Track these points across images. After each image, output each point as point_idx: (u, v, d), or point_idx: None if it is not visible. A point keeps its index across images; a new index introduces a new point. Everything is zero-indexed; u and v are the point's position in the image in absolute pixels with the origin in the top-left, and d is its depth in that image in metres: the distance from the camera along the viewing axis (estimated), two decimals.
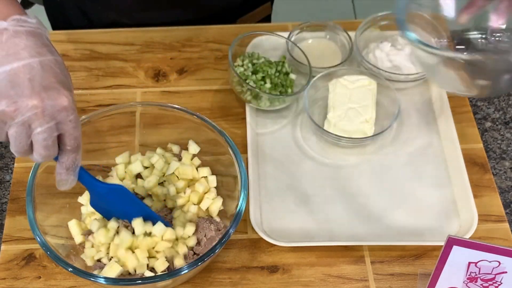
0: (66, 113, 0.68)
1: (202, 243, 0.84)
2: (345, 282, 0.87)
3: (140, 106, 0.92)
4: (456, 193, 0.95)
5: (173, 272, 0.77)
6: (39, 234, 0.78)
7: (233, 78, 1.00)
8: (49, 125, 0.67)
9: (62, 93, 0.68)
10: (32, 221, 0.79)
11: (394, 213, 0.93)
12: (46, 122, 0.67)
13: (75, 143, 0.71)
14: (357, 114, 0.98)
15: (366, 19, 1.09)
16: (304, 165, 0.98)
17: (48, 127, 0.67)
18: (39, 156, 0.70)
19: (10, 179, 0.97)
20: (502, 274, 0.74)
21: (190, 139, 0.92)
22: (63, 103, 0.68)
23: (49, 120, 0.67)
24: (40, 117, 0.67)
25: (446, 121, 1.01)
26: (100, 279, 0.76)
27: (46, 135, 0.68)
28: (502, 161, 1.01)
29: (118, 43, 1.11)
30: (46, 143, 0.68)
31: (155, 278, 0.77)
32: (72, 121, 0.69)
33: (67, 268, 0.76)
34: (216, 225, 0.86)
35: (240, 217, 0.81)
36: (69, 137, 0.70)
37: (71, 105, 0.69)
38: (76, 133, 0.70)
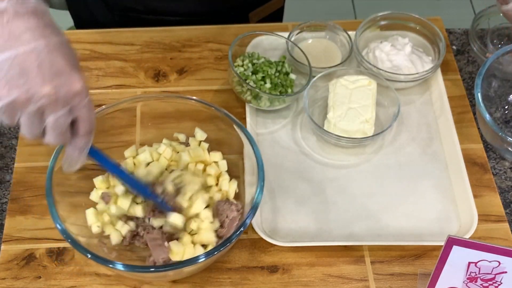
0: (79, 97, 0.66)
1: (225, 224, 0.84)
2: (345, 282, 0.87)
3: (154, 98, 0.92)
4: (456, 193, 0.95)
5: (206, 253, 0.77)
6: (60, 222, 0.78)
7: (233, 78, 1.00)
8: (62, 112, 0.65)
9: (74, 77, 0.65)
10: (52, 209, 0.79)
11: (394, 213, 0.93)
12: (60, 109, 0.65)
13: (89, 127, 0.69)
14: (357, 114, 0.98)
15: (366, 19, 1.09)
16: (304, 165, 0.98)
17: (61, 114, 0.66)
18: (51, 142, 0.68)
19: (10, 179, 0.97)
20: (502, 274, 0.74)
21: (196, 127, 0.92)
22: (76, 87, 0.65)
23: (62, 106, 0.65)
24: (53, 104, 0.64)
25: (446, 121, 1.01)
26: (118, 265, 0.76)
27: (60, 122, 0.66)
28: (502, 161, 1.01)
29: (118, 43, 1.11)
30: (60, 130, 0.67)
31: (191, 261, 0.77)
32: (86, 105, 0.67)
33: (86, 254, 0.76)
34: (235, 206, 0.86)
35: (257, 207, 0.81)
36: (83, 122, 0.68)
37: (84, 88, 0.66)
38: (90, 117, 0.68)
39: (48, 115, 0.65)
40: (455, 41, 1.16)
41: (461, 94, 1.06)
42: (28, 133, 0.67)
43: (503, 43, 1.13)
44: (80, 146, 0.71)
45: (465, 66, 1.13)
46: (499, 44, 1.13)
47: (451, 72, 1.09)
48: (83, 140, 0.70)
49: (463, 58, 1.14)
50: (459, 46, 1.16)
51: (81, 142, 0.70)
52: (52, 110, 0.65)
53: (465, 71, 1.12)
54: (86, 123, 0.68)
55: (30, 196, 0.93)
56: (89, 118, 0.68)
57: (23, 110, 0.64)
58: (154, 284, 0.86)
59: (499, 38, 1.14)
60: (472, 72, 1.12)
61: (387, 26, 1.11)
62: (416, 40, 1.10)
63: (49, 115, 0.65)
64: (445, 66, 1.09)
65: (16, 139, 1.00)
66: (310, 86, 1.00)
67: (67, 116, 0.66)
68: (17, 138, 1.00)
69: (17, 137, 1.00)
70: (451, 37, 1.17)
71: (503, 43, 1.13)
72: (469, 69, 1.13)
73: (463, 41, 1.16)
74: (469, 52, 1.15)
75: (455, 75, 1.09)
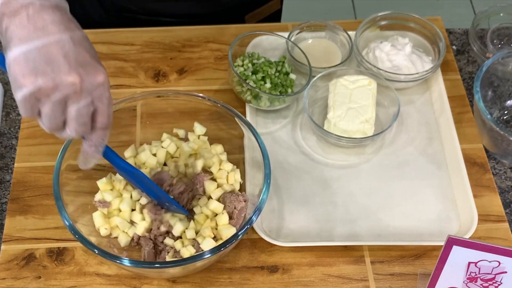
0: (102, 89, 0.67)
1: (234, 215, 0.85)
2: (345, 282, 0.87)
3: (155, 96, 0.92)
4: (456, 193, 0.95)
5: (218, 247, 0.77)
6: (67, 217, 0.78)
7: (233, 78, 1.00)
8: (86, 101, 0.66)
9: (98, 69, 0.67)
10: (60, 204, 0.79)
11: (394, 213, 0.93)
12: (84, 98, 0.66)
13: (108, 120, 0.70)
14: (357, 114, 0.98)
15: (366, 19, 1.09)
16: (304, 165, 0.98)
17: (84, 105, 0.66)
18: (73, 132, 0.68)
19: (10, 179, 0.97)
20: (502, 274, 0.74)
21: (195, 121, 0.93)
22: (100, 79, 0.67)
23: (86, 96, 0.66)
24: (78, 94, 0.65)
25: (446, 121, 1.01)
26: (125, 261, 0.76)
27: (82, 113, 0.67)
28: (502, 161, 1.01)
29: (118, 43, 1.11)
30: (83, 120, 0.67)
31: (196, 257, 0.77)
32: (107, 98, 0.68)
33: (93, 250, 0.76)
34: (242, 196, 0.86)
35: (263, 204, 0.81)
36: (102, 114, 0.69)
37: (107, 81, 0.68)
38: (109, 110, 0.69)
39: (71, 104, 0.66)
40: (455, 41, 1.16)
41: (461, 94, 1.06)
42: (48, 124, 0.67)
43: (503, 43, 1.14)
44: (97, 142, 0.72)
45: (465, 66, 1.13)
46: (499, 44, 1.13)
47: (451, 72, 1.09)
48: (100, 135, 0.71)
49: (463, 58, 1.14)
50: (459, 46, 1.16)
51: (98, 137, 0.71)
52: (76, 100, 0.66)
53: (465, 71, 1.12)
54: (105, 116, 0.69)
55: (30, 196, 0.93)
56: (108, 112, 0.70)
57: (47, 99, 0.65)
58: (153, 284, 0.86)
59: (499, 38, 1.14)
60: (472, 72, 1.12)
61: (387, 26, 1.11)
62: (416, 40, 1.10)
63: (72, 104, 0.66)
64: (445, 66, 1.09)
65: (16, 139, 1.00)
66: (310, 86, 1.00)
67: (89, 107, 0.67)
68: (17, 138, 1.00)
69: (17, 137, 1.00)
70: (451, 37, 1.17)
71: (503, 43, 1.14)
72: (469, 69, 1.13)
73: (463, 41, 1.16)
74: (469, 52, 1.15)
75: (455, 75, 1.09)
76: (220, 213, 0.85)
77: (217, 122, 0.93)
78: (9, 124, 1.02)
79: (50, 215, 0.91)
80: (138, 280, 0.86)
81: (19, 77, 0.64)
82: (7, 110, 1.04)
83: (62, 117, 0.67)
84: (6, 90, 1.06)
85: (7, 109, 1.04)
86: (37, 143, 0.98)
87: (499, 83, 1.06)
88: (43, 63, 0.64)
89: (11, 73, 0.64)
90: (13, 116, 1.03)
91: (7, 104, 1.04)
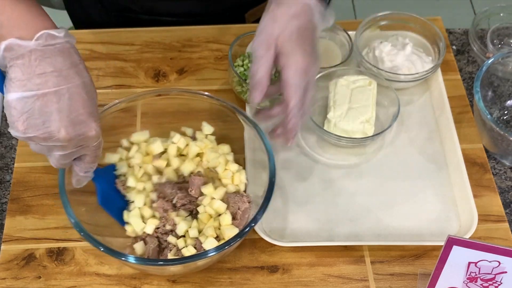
0: (91, 141, 0.70)
1: (238, 216, 0.85)
2: (345, 282, 0.87)
3: (155, 95, 0.93)
4: (456, 193, 0.95)
5: (222, 245, 0.78)
6: (73, 215, 0.79)
7: (233, 78, 1.00)
8: (72, 150, 0.70)
9: (89, 126, 0.69)
10: (65, 202, 0.80)
11: (394, 213, 0.93)
12: (69, 149, 0.70)
13: (95, 159, 0.74)
14: (357, 114, 0.98)
15: (366, 19, 1.09)
16: (304, 165, 0.98)
17: (70, 152, 0.70)
18: (55, 165, 0.73)
19: (10, 179, 0.97)
20: (502, 274, 0.74)
21: (203, 121, 0.93)
22: (90, 134, 0.69)
23: (72, 148, 0.69)
24: (64, 147, 0.69)
25: (446, 121, 1.01)
26: (130, 258, 0.77)
27: (66, 157, 0.71)
28: (502, 161, 1.01)
29: (118, 43, 1.11)
30: (64, 161, 0.72)
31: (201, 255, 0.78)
32: (95, 145, 0.71)
33: (99, 247, 0.76)
34: (246, 197, 0.86)
35: (268, 203, 0.81)
36: (90, 155, 0.73)
37: (97, 134, 0.70)
38: (97, 153, 0.73)
39: (58, 150, 0.70)
40: (455, 41, 1.16)
41: (461, 94, 1.06)
42: (34, 150, 0.72)
43: (503, 43, 1.14)
44: (84, 168, 0.75)
45: (465, 66, 1.13)
46: (499, 44, 1.13)
47: (451, 72, 1.09)
48: (86, 165, 0.75)
49: (463, 58, 1.14)
50: (459, 46, 1.16)
51: (84, 165, 0.75)
52: (62, 150, 0.69)
53: (465, 71, 1.12)
54: (93, 156, 0.73)
55: (30, 196, 0.93)
56: (96, 153, 0.73)
57: (36, 142, 0.69)
58: (154, 285, 0.86)
59: (499, 38, 1.14)
60: (472, 72, 1.12)
61: (387, 26, 1.11)
62: (416, 40, 1.10)
63: (59, 150, 0.70)
64: (445, 66, 1.09)
65: (16, 139, 1.00)
66: None
67: (74, 153, 0.71)
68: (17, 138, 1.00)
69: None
70: (451, 37, 1.17)
71: (503, 43, 1.14)
72: (469, 69, 1.13)
73: (463, 41, 1.16)
74: (469, 52, 1.15)
75: (455, 75, 1.09)
76: (224, 213, 0.85)
77: (217, 122, 0.93)
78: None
79: (50, 215, 0.92)
80: (138, 280, 0.86)
81: (14, 120, 0.67)
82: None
83: (46, 153, 0.72)
84: None
85: None
86: None
87: (499, 83, 1.06)
88: (37, 114, 0.66)
89: (8, 112, 0.67)
90: None
91: None
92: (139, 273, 0.87)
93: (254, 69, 0.82)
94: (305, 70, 0.82)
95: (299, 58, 0.81)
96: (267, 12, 0.84)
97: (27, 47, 0.65)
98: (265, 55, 0.82)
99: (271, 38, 0.82)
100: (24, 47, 0.65)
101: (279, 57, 0.82)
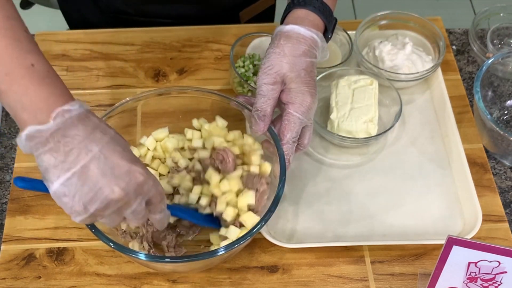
0: (146, 186, 0.69)
1: (256, 198, 0.85)
2: (345, 282, 0.87)
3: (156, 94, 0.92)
4: (460, 192, 0.95)
5: (226, 247, 0.78)
6: None
7: (234, 79, 1.00)
8: (136, 203, 0.69)
9: (135, 171, 0.67)
10: None
11: (397, 212, 0.93)
12: (134, 201, 0.69)
13: (160, 197, 0.72)
14: (360, 114, 0.98)
15: (366, 19, 1.09)
16: (306, 165, 0.98)
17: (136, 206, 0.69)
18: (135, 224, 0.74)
19: (10, 179, 0.97)
20: (502, 274, 0.74)
21: (217, 115, 0.93)
22: (140, 179, 0.68)
23: (135, 198, 0.68)
24: (127, 202, 0.68)
25: (448, 119, 1.01)
26: (140, 255, 0.77)
27: (137, 212, 0.70)
28: (502, 161, 1.01)
29: (118, 43, 1.11)
30: (139, 216, 0.71)
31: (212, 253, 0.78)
32: (153, 186, 0.70)
33: (109, 244, 0.76)
34: (265, 179, 0.86)
35: (279, 199, 0.81)
36: (155, 199, 0.72)
37: (146, 176, 0.68)
38: (159, 193, 0.72)
39: (125, 210, 0.69)
40: (455, 41, 1.16)
41: (461, 94, 1.06)
42: (110, 225, 0.72)
43: (503, 43, 1.14)
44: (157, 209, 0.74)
45: (465, 66, 1.13)
46: (499, 44, 1.13)
47: (451, 72, 1.09)
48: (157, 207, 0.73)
49: (463, 58, 1.14)
50: (459, 46, 1.16)
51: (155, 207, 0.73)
52: (127, 206, 0.69)
53: (465, 71, 1.12)
54: (157, 197, 0.72)
55: (30, 196, 0.93)
56: (159, 194, 0.72)
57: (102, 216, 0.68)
58: (154, 284, 0.86)
59: (499, 38, 1.14)
60: (472, 72, 1.12)
61: (387, 26, 1.11)
62: (416, 39, 1.10)
63: (126, 209, 0.69)
64: (445, 66, 1.09)
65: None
66: None
67: (141, 204, 0.70)
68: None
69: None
70: (451, 37, 1.17)
71: (503, 43, 1.14)
72: (469, 69, 1.13)
73: (463, 41, 1.16)
74: (469, 52, 1.15)
75: (455, 75, 1.09)
76: (243, 191, 0.85)
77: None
78: (9, 124, 1.02)
79: (50, 215, 0.92)
80: (138, 280, 0.86)
81: (70, 208, 0.66)
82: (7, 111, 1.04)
83: (121, 219, 0.71)
84: None
85: None
86: None
87: (499, 83, 1.06)
88: (86, 189, 0.65)
89: (60, 203, 0.67)
90: None
91: None
92: (139, 273, 0.87)
93: (260, 102, 0.84)
94: (308, 109, 0.84)
95: (306, 98, 0.84)
96: (275, 46, 0.85)
97: (47, 131, 0.65)
98: (272, 91, 0.84)
99: (279, 74, 0.84)
100: (45, 131, 0.65)
101: (285, 92, 0.85)
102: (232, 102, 0.90)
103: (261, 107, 0.84)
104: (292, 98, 0.84)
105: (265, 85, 0.84)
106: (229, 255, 0.82)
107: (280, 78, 0.84)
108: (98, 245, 0.89)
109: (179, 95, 0.93)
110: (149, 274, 0.87)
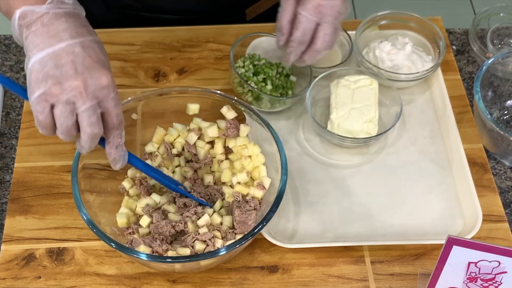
0: (107, 91, 0.72)
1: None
2: (345, 282, 0.87)
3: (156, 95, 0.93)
4: (460, 192, 0.95)
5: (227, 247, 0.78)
6: (85, 212, 0.80)
7: (234, 79, 1.00)
8: (92, 103, 0.71)
9: (102, 73, 0.72)
10: (78, 198, 0.81)
11: (397, 212, 0.93)
12: (89, 100, 0.71)
13: (117, 120, 0.75)
14: (360, 114, 0.97)
15: (366, 19, 1.09)
16: (306, 165, 0.98)
17: (91, 105, 0.71)
18: (86, 135, 0.73)
19: (10, 179, 0.97)
20: (502, 274, 0.74)
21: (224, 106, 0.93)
22: (104, 82, 0.72)
23: (92, 98, 0.71)
24: (84, 95, 0.71)
25: (448, 119, 1.01)
26: (142, 255, 0.77)
27: (90, 112, 0.72)
28: (502, 161, 1.01)
29: (118, 43, 1.11)
30: (91, 120, 0.72)
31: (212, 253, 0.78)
32: (113, 98, 0.73)
33: (111, 244, 0.77)
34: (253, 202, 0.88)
35: (281, 199, 0.82)
36: (111, 115, 0.74)
37: (111, 83, 0.73)
38: (117, 110, 0.74)
39: (79, 107, 0.71)
40: (455, 41, 1.16)
41: (461, 94, 1.06)
42: (61, 127, 0.73)
43: (503, 43, 1.14)
44: (115, 142, 0.77)
45: (465, 66, 1.13)
46: (499, 44, 1.13)
47: (451, 72, 1.09)
48: (115, 135, 0.76)
49: (463, 58, 1.14)
50: (459, 46, 1.16)
51: (114, 137, 0.76)
52: (83, 102, 0.71)
53: (465, 71, 1.12)
54: (114, 115, 0.74)
55: (30, 196, 0.93)
56: (117, 111, 0.74)
57: (56, 100, 0.71)
58: (153, 285, 0.86)
59: (499, 38, 1.14)
60: (472, 72, 1.12)
61: (387, 26, 1.11)
62: (416, 39, 1.10)
63: (80, 106, 0.71)
64: (445, 66, 1.09)
65: (16, 139, 1.00)
66: (311, 87, 1.00)
67: (96, 108, 0.72)
68: (17, 138, 1.00)
69: (17, 137, 1.00)
70: (451, 37, 1.17)
71: (503, 43, 1.14)
72: (469, 69, 1.13)
73: (463, 41, 1.16)
74: (469, 52, 1.15)
75: (455, 75, 1.09)
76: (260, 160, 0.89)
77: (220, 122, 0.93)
78: (9, 124, 1.03)
79: (50, 215, 0.92)
80: (138, 280, 0.86)
81: (33, 83, 0.71)
82: (7, 110, 1.04)
83: (72, 118, 0.72)
84: (6, 90, 1.06)
85: (7, 109, 1.04)
86: (37, 143, 0.98)
87: (499, 83, 1.06)
88: (53, 68, 0.70)
89: (29, 80, 0.72)
90: (13, 116, 1.03)
91: (7, 104, 1.04)
92: (139, 273, 0.87)
93: (278, 16, 0.91)
94: (318, 7, 0.86)
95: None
96: None
97: (39, 12, 0.71)
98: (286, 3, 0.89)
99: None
100: (36, 12, 0.71)
101: None
102: (233, 102, 0.90)
103: (278, 20, 0.89)
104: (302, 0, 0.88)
105: None
106: (229, 255, 0.82)
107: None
108: (98, 245, 0.89)
109: (179, 95, 0.93)
110: (149, 274, 0.87)
